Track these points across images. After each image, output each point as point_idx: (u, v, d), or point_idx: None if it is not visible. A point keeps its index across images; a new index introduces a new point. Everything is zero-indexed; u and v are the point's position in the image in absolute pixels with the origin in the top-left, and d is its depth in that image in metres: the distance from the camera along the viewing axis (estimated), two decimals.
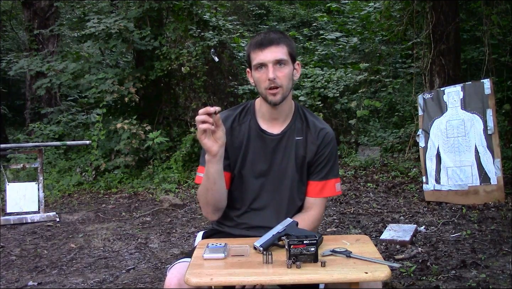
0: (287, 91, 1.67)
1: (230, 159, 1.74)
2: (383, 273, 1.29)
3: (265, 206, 1.73)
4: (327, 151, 1.75)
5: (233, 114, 1.77)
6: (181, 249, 3.76)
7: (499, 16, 5.92)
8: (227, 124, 1.73)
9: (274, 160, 1.73)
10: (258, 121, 1.75)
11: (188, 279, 1.28)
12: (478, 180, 4.38)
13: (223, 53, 8.09)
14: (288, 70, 1.66)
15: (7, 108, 12.44)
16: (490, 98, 4.46)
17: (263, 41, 1.65)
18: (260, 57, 1.64)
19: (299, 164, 1.74)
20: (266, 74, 1.63)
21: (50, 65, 7.47)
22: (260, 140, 1.74)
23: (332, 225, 4.08)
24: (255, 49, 1.66)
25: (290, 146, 1.73)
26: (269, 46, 1.63)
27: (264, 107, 1.73)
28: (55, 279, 3.27)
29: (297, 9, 13.59)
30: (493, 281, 2.71)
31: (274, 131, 1.74)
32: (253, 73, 1.69)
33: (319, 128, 1.76)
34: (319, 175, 1.75)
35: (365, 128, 7.47)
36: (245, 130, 1.74)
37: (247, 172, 1.73)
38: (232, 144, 1.73)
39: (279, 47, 1.64)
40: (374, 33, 8.25)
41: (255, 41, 1.68)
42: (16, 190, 4.87)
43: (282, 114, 1.74)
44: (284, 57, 1.65)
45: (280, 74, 1.63)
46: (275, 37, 1.66)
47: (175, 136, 7.48)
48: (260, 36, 1.69)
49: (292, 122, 1.76)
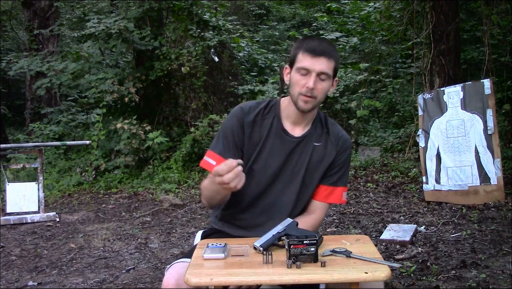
0: (318, 103, 1.67)
1: (245, 153, 1.71)
2: (383, 273, 1.29)
3: (269, 206, 1.73)
4: (343, 158, 1.76)
5: (257, 107, 1.75)
6: (181, 249, 3.76)
7: (499, 16, 5.92)
8: (250, 116, 1.72)
9: (289, 162, 1.72)
10: (282, 121, 1.74)
11: (188, 279, 1.28)
12: (478, 180, 4.38)
13: (223, 53, 8.10)
14: (327, 85, 1.65)
15: (7, 108, 12.45)
16: (490, 98, 4.46)
17: (317, 48, 1.62)
18: (308, 63, 1.61)
19: (312, 169, 1.73)
20: (306, 81, 1.61)
21: (50, 65, 7.47)
22: (280, 140, 1.73)
23: (332, 225, 4.08)
24: (305, 53, 1.62)
25: (306, 151, 1.73)
26: (320, 56, 1.61)
27: (291, 109, 1.71)
28: (55, 279, 3.27)
29: (297, 9, 13.59)
30: (493, 281, 2.71)
31: (295, 133, 1.74)
32: (293, 73, 1.66)
33: (339, 134, 1.77)
34: (330, 180, 1.76)
35: (365, 128, 7.48)
36: (267, 126, 1.73)
37: (259, 168, 1.71)
38: (250, 138, 1.71)
39: (329, 61, 1.62)
40: (374, 33, 8.25)
41: (309, 46, 1.63)
42: (16, 190, 4.87)
43: (306, 120, 1.74)
44: (329, 72, 1.63)
45: (319, 87, 1.62)
46: (329, 50, 1.63)
47: (175, 136, 7.49)
48: (314, 42, 1.65)
49: (312, 127, 1.75)
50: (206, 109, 7.59)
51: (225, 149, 1.70)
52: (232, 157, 1.53)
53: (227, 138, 1.71)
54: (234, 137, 1.70)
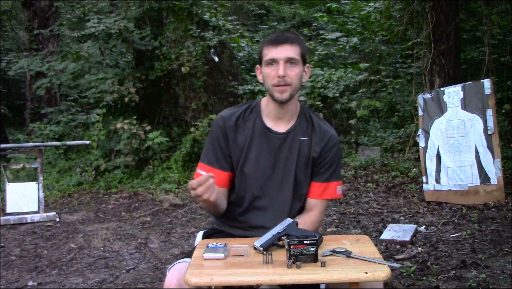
0: (295, 90, 1.68)
1: (232, 158, 1.74)
2: (383, 273, 1.29)
3: (267, 205, 1.73)
4: (331, 154, 1.76)
5: (238, 111, 1.77)
6: (181, 249, 3.76)
7: (499, 16, 5.92)
8: (231, 121, 1.74)
9: (279, 159, 1.73)
10: (264, 120, 1.75)
11: (188, 279, 1.28)
12: (478, 180, 4.38)
13: (223, 53, 8.09)
14: (299, 70, 1.67)
15: (7, 108, 12.44)
16: (490, 98, 4.46)
17: (278, 38, 1.66)
18: (273, 53, 1.64)
19: (303, 164, 1.74)
20: (276, 70, 1.64)
21: (50, 65, 7.48)
22: (265, 138, 1.73)
23: (332, 225, 4.08)
24: (268, 46, 1.67)
25: (294, 146, 1.74)
26: (283, 44, 1.64)
27: (270, 105, 1.73)
28: (55, 279, 3.26)
29: (297, 9, 13.59)
30: (493, 281, 2.71)
31: (280, 129, 1.74)
32: (263, 69, 1.69)
33: (324, 130, 1.77)
34: (322, 176, 1.76)
35: (365, 128, 7.47)
36: (250, 128, 1.74)
37: (250, 169, 1.72)
38: (235, 142, 1.73)
39: (293, 46, 1.65)
40: (374, 33, 8.25)
41: (270, 38, 1.69)
42: (16, 190, 4.87)
43: (288, 113, 1.74)
44: (296, 56, 1.66)
45: (290, 73, 1.64)
46: (290, 36, 1.68)
47: (175, 136, 7.49)
48: (275, 34, 1.71)
49: (297, 122, 1.76)
50: (206, 109, 7.59)
51: (213, 158, 1.74)
52: (221, 165, 1.70)
53: (214, 148, 1.75)
54: (220, 145, 1.74)
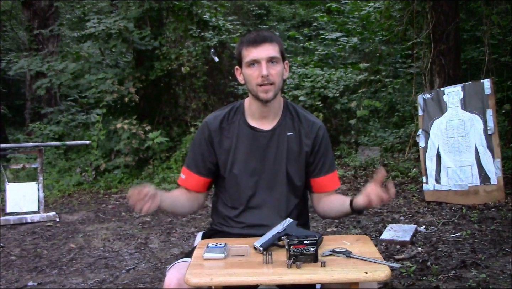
0: (278, 88, 1.68)
1: (220, 161, 1.74)
2: (383, 273, 1.29)
3: (262, 203, 1.73)
4: (323, 145, 1.77)
5: (221, 114, 1.77)
6: (181, 249, 3.76)
7: (499, 16, 5.92)
8: (215, 125, 1.74)
9: (267, 157, 1.73)
10: (248, 120, 1.75)
11: (188, 279, 1.28)
12: (478, 180, 4.38)
13: (223, 53, 8.10)
14: (280, 68, 1.67)
15: (7, 108, 12.45)
16: (490, 98, 4.46)
17: (257, 38, 1.65)
18: (254, 54, 1.64)
19: (293, 159, 1.74)
20: (258, 71, 1.63)
21: (50, 65, 7.48)
22: (251, 138, 1.73)
23: (332, 225, 4.08)
24: (248, 46, 1.65)
25: (282, 142, 1.73)
26: (262, 44, 1.64)
27: (254, 105, 1.73)
28: (55, 279, 3.26)
29: (297, 9, 13.59)
30: (493, 281, 2.71)
31: (265, 127, 1.74)
32: (244, 70, 1.68)
33: (311, 122, 1.78)
34: (324, 169, 1.77)
35: (365, 128, 7.47)
36: (235, 129, 1.74)
37: (239, 171, 1.72)
38: (221, 145, 1.73)
39: (272, 45, 1.65)
40: (374, 33, 8.24)
41: (248, 39, 1.67)
42: (16, 190, 4.87)
43: (272, 111, 1.74)
44: (277, 55, 1.66)
45: (273, 72, 1.64)
46: (268, 36, 1.67)
47: (175, 136, 7.49)
48: (252, 34, 1.69)
49: (282, 118, 1.76)
50: (206, 109, 7.59)
51: (192, 163, 1.77)
52: (199, 170, 1.73)
53: (194, 153, 1.77)
54: (201, 150, 1.75)
